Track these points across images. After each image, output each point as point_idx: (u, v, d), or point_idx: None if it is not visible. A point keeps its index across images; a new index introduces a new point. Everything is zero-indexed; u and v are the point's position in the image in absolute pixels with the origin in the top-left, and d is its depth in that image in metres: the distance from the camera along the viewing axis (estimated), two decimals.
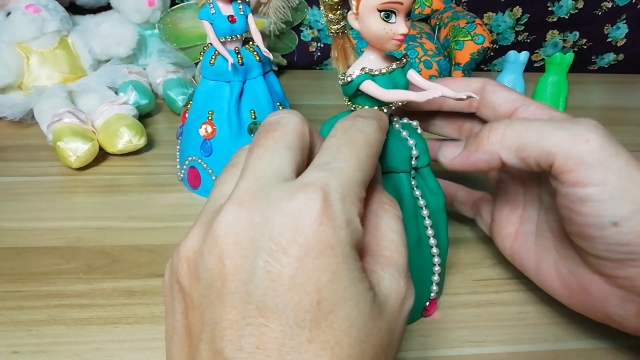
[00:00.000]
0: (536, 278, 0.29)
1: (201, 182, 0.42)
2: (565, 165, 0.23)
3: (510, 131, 0.25)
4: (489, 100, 0.30)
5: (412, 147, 0.27)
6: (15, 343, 0.27)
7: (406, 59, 0.27)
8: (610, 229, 0.23)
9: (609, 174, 0.23)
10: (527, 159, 0.25)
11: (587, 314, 0.27)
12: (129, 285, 0.32)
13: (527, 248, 0.30)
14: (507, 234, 0.31)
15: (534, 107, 0.28)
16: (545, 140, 0.24)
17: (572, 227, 0.25)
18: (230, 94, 0.39)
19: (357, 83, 0.25)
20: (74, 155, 0.44)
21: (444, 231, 0.30)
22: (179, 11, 0.61)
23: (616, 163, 0.23)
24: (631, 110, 0.64)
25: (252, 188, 0.17)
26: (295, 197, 0.16)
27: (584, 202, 0.23)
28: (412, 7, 0.24)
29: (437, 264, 0.29)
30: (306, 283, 0.16)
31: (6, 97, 0.52)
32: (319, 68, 0.76)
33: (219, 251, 0.17)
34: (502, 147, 0.25)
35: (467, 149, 0.27)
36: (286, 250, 0.16)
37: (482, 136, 0.26)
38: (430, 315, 0.30)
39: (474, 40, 0.50)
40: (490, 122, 0.27)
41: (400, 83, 0.26)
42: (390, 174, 0.27)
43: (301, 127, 0.20)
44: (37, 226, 0.37)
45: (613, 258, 0.24)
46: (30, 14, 0.53)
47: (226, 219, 0.17)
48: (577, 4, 0.71)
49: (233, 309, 0.16)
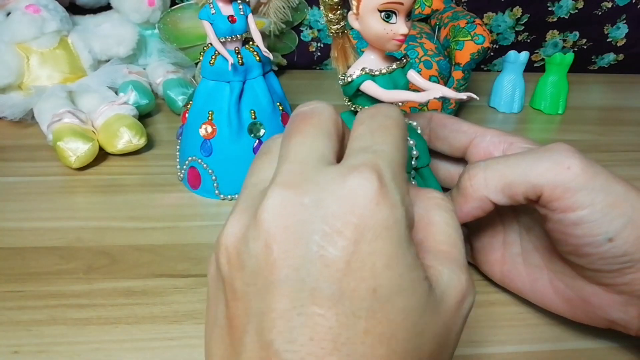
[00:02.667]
0: (533, 297, 0.29)
1: (201, 182, 0.42)
2: (554, 194, 0.24)
3: (490, 173, 0.26)
4: (440, 134, 0.30)
5: (412, 147, 0.27)
6: (15, 343, 0.27)
7: (406, 59, 0.27)
8: (606, 245, 0.23)
9: (595, 194, 0.23)
10: (515, 195, 0.25)
11: (591, 323, 0.27)
12: (129, 285, 0.32)
13: (518, 270, 0.30)
14: (494, 260, 0.31)
15: (489, 136, 0.29)
16: (529, 174, 0.24)
17: (567, 248, 0.25)
18: (230, 94, 0.39)
19: (358, 83, 0.25)
20: (74, 155, 0.44)
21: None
22: (179, 11, 0.61)
23: (599, 182, 0.23)
24: (631, 110, 0.64)
25: (297, 171, 0.17)
26: (348, 177, 0.16)
27: (577, 224, 0.24)
28: (413, 7, 0.24)
29: None
30: (362, 268, 0.15)
31: (6, 97, 0.52)
32: (319, 68, 0.76)
33: (266, 236, 0.15)
34: (489, 191, 0.26)
35: (457, 203, 0.27)
36: (341, 233, 0.15)
37: (465, 186, 0.26)
38: None
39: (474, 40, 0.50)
40: (465, 169, 0.27)
41: (401, 83, 0.26)
42: None
43: (335, 116, 0.19)
44: (37, 226, 0.37)
45: (611, 269, 0.24)
46: (30, 14, 0.53)
47: (273, 201, 0.16)
48: (577, 4, 0.71)
49: (283, 297, 0.15)
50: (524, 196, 0.25)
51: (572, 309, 0.27)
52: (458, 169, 0.32)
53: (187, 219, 0.39)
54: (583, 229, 0.23)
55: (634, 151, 0.53)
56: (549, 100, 0.61)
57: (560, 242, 0.25)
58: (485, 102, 0.63)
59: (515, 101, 0.61)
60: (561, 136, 0.56)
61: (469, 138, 0.29)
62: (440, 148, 0.31)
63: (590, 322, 0.27)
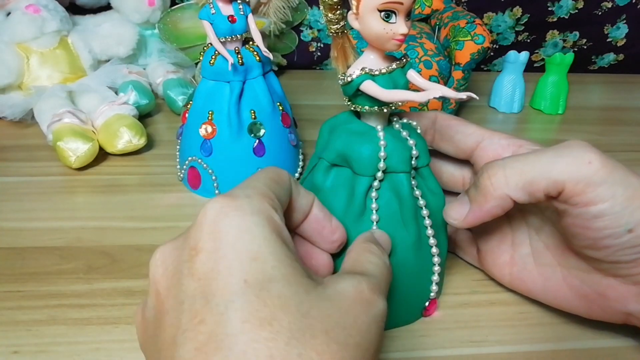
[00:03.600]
0: (545, 297, 0.29)
1: (201, 182, 0.42)
2: (576, 189, 0.24)
3: (510, 171, 0.26)
4: (446, 135, 0.31)
5: (412, 147, 0.27)
6: (15, 343, 0.27)
7: (406, 59, 0.27)
8: (625, 236, 0.24)
9: (615, 188, 0.24)
10: (536, 192, 0.25)
11: (607, 319, 0.27)
12: (129, 285, 0.32)
13: (528, 271, 0.30)
14: (503, 263, 0.31)
15: (497, 139, 0.29)
16: (550, 171, 0.25)
17: (585, 242, 0.25)
18: (230, 94, 0.39)
19: (357, 83, 0.25)
20: (74, 155, 0.44)
21: (443, 231, 0.30)
22: (179, 11, 0.61)
23: (618, 175, 0.24)
24: (631, 110, 0.64)
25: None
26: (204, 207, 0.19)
27: (598, 217, 0.24)
28: (412, 7, 0.24)
29: (437, 263, 0.29)
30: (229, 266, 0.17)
31: (6, 97, 0.52)
32: (319, 68, 0.76)
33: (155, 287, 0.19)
34: (510, 189, 0.26)
35: (476, 202, 0.27)
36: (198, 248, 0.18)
37: (485, 185, 0.26)
38: (430, 315, 0.30)
39: (474, 40, 0.50)
40: (484, 168, 0.27)
41: (400, 83, 0.26)
42: (391, 174, 0.27)
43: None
44: (37, 226, 0.37)
45: (629, 260, 0.24)
46: (30, 14, 0.53)
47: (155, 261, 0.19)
48: (577, 4, 0.71)
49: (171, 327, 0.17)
50: (545, 192, 0.25)
51: (588, 305, 0.27)
52: (462, 172, 0.33)
53: (187, 219, 0.39)
54: (604, 221, 0.24)
55: (634, 151, 0.53)
56: (549, 100, 0.61)
57: (578, 236, 0.25)
58: (485, 102, 0.63)
59: (515, 101, 0.61)
60: (561, 136, 0.56)
61: (476, 140, 0.30)
62: (445, 149, 0.31)
63: (607, 318, 0.27)
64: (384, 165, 0.26)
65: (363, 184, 0.27)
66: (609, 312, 0.27)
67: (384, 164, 0.26)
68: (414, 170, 0.28)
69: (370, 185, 0.27)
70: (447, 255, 0.31)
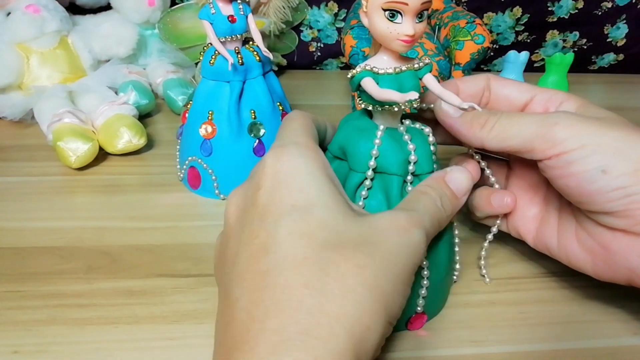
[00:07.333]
0: (559, 254, 0.30)
1: (201, 182, 0.42)
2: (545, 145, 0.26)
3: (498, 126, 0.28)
4: (501, 95, 0.32)
5: (411, 151, 0.26)
6: (15, 343, 0.27)
7: (423, 63, 0.26)
8: (602, 179, 0.25)
9: (584, 139, 0.26)
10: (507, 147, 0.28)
11: (612, 276, 0.27)
12: (129, 285, 0.32)
13: (551, 225, 0.31)
14: (532, 216, 0.32)
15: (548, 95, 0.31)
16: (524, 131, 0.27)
17: (571, 192, 0.27)
18: (230, 93, 0.39)
19: (358, 79, 0.26)
20: (74, 155, 0.44)
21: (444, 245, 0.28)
22: (179, 11, 0.61)
23: (587, 131, 0.26)
24: (631, 110, 0.64)
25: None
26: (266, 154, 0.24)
27: (571, 163, 0.26)
28: (423, 8, 0.24)
29: (426, 277, 0.27)
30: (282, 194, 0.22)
31: (6, 97, 0.52)
32: (319, 68, 0.76)
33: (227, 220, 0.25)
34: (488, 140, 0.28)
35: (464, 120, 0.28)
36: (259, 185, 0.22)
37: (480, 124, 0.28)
38: (415, 329, 0.29)
39: (474, 40, 0.50)
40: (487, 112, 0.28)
41: (408, 85, 0.26)
42: (383, 174, 0.27)
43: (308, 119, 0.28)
44: (37, 226, 0.37)
45: (618, 209, 0.25)
46: (30, 14, 0.53)
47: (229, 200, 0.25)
48: (577, 4, 0.71)
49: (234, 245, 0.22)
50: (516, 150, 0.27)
51: (594, 260, 0.28)
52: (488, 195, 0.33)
53: (187, 219, 0.39)
54: (576, 165, 0.26)
55: None
56: None
57: (563, 189, 0.27)
58: None
59: None
60: None
61: (531, 95, 0.31)
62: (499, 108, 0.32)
63: (612, 275, 0.27)
64: (375, 164, 0.26)
65: (354, 180, 0.27)
66: (613, 269, 0.27)
67: (374, 162, 0.26)
68: (413, 176, 0.27)
69: (361, 182, 0.27)
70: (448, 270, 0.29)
